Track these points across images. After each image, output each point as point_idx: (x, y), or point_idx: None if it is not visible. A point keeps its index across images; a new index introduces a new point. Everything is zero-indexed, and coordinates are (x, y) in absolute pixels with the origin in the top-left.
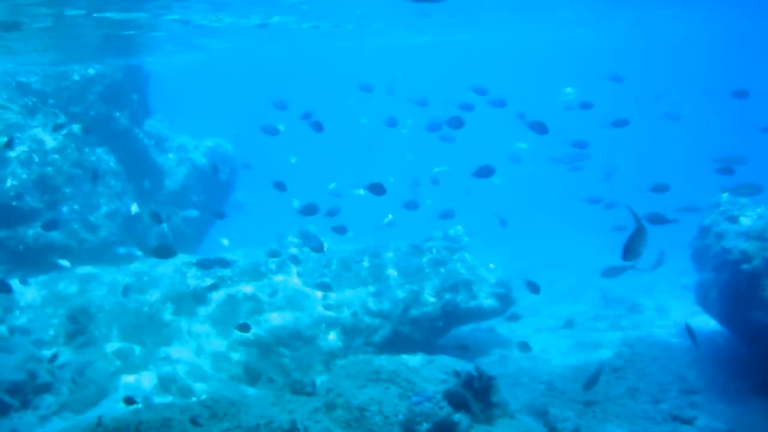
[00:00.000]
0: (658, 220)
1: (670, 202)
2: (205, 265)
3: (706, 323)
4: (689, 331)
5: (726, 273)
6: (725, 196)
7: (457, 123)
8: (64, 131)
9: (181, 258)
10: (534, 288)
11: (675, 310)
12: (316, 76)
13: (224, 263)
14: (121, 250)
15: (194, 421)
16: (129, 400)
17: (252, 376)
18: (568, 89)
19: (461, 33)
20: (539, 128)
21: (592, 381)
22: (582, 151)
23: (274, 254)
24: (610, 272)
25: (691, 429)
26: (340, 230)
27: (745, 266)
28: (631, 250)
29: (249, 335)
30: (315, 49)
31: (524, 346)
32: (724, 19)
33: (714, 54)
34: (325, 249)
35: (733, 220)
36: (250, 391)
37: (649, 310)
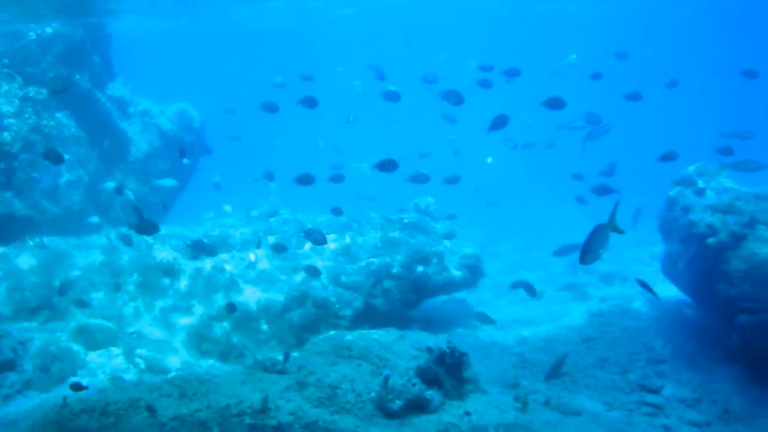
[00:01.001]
0: (603, 191)
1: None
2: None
3: (674, 293)
4: (643, 286)
5: (692, 246)
6: (693, 168)
7: (456, 99)
8: (20, 94)
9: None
10: (531, 290)
11: (644, 280)
12: (292, 45)
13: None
14: (94, 219)
15: (151, 408)
16: (76, 386)
17: (224, 351)
18: (573, 56)
19: None
20: (556, 104)
21: (554, 371)
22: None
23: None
24: (562, 251)
25: (658, 398)
26: (336, 212)
27: (711, 240)
28: (589, 251)
29: (217, 311)
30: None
31: (490, 319)
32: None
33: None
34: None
35: (701, 193)
36: (222, 367)
37: (618, 280)
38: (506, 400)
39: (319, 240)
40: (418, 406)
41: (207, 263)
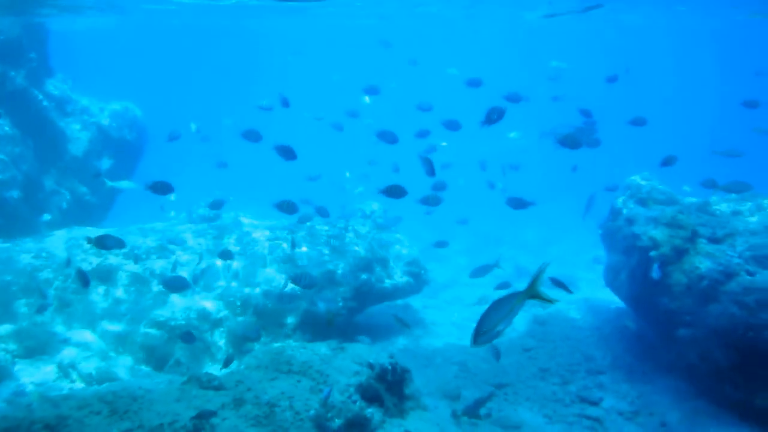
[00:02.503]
0: (519, 204)
1: None
2: (102, 244)
3: (615, 303)
4: (557, 284)
5: (635, 258)
6: (636, 178)
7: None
8: None
9: (84, 231)
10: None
11: (586, 286)
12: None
13: (121, 243)
14: (45, 218)
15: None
16: None
17: (159, 361)
18: (555, 63)
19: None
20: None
21: (477, 406)
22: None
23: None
24: (477, 273)
25: (597, 410)
26: (323, 212)
27: (653, 253)
28: (483, 330)
29: (157, 318)
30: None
31: (436, 325)
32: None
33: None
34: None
35: (644, 203)
36: (157, 377)
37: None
38: (445, 416)
39: (308, 284)
40: (357, 425)
41: (145, 269)
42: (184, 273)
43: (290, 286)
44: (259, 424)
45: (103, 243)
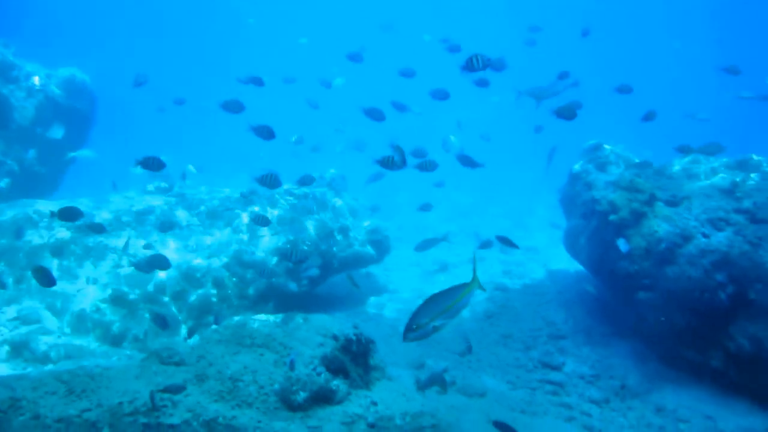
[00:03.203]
0: (468, 163)
1: None
2: (66, 215)
3: (575, 267)
4: (503, 242)
5: (594, 222)
6: (594, 142)
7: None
8: None
9: (37, 203)
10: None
11: (545, 251)
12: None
13: (79, 214)
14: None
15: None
16: None
17: (117, 337)
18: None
19: None
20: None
21: (428, 383)
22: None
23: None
24: (422, 246)
25: (559, 375)
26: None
27: (612, 217)
28: (413, 326)
29: (111, 292)
30: None
31: (399, 293)
32: None
33: None
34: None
35: (603, 168)
36: (115, 354)
37: (520, 251)
38: (410, 385)
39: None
40: (323, 397)
41: (98, 240)
42: (141, 244)
43: (251, 257)
44: (223, 399)
45: (66, 215)
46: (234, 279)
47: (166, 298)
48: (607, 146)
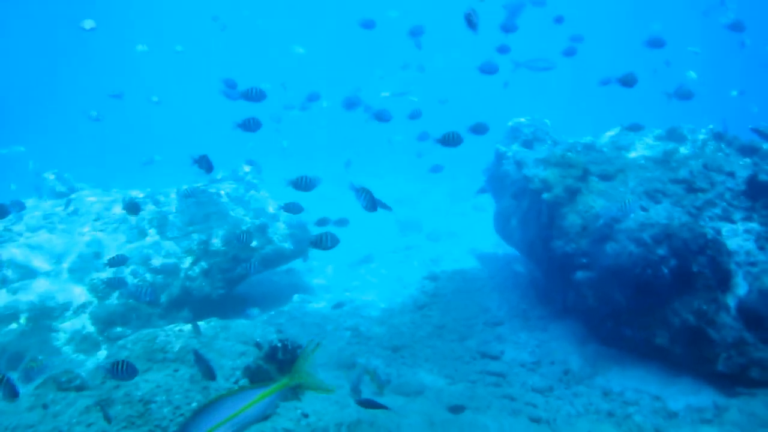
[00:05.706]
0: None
1: None
2: None
3: (504, 249)
4: (382, 206)
5: (526, 201)
6: (524, 119)
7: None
8: None
9: None
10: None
11: (469, 235)
12: None
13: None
14: None
15: None
16: None
17: (11, 360)
18: None
19: None
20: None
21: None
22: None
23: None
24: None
25: (500, 364)
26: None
27: (546, 195)
28: None
29: (7, 308)
30: None
31: (323, 290)
32: None
33: None
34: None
35: (530, 145)
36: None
37: (445, 237)
38: (345, 390)
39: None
40: None
41: None
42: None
43: (161, 261)
44: (133, 425)
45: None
46: (144, 286)
47: (68, 313)
48: (533, 123)
